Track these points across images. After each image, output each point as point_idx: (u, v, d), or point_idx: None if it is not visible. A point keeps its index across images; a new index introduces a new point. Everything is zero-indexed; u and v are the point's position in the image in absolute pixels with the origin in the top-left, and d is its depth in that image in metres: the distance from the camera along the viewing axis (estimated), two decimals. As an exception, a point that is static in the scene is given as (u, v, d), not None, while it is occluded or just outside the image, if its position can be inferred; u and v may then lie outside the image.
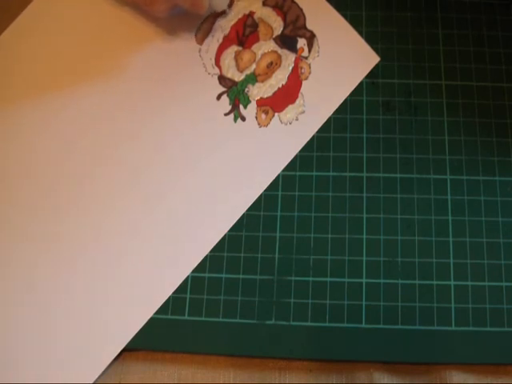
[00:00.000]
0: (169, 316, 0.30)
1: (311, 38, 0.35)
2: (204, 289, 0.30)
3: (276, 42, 0.35)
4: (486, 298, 0.30)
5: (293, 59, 0.34)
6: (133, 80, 0.34)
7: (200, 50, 0.35)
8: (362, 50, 0.34)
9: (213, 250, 0.31)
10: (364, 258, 0.31)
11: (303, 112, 0.33)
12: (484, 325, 0.29)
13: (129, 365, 0.30)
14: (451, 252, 0.31)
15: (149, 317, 0.30)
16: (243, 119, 0.33)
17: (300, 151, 0.33)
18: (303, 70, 0.34)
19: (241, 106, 0.34)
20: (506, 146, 0.32)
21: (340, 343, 0.29)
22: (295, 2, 0.35)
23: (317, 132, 0.33)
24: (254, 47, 0.35)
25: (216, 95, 0.34)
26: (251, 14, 0.35)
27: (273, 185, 0.32)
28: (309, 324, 0.30)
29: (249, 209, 0.32)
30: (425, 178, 0.32)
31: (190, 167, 0.32)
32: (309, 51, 0.35)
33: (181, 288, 0.30)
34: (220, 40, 0.35)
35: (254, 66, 0.34)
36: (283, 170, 0.32)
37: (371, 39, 0.35)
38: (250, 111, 0.33)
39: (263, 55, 0.34)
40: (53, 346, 0.29)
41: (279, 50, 0.35)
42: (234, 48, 0.35)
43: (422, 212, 0.31)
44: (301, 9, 0.35)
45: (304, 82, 0.34)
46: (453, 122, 0.33)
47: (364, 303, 0.30)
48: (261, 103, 0.34)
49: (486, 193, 0.32)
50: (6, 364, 0.29)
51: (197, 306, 0.30)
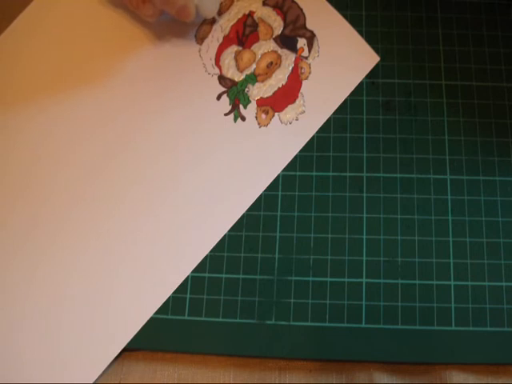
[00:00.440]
0: (169, 316, 0.30)
1: (311, 38, 0.35)
2: (204, 289, 0.30)
3: (276, 42, 0.35)
4: (486, 298, 0.30)
5: (293, 59, 0.34)
6: (133, 80, 0.34)
7: (200, 50, 0.35)
8: (362, 50, 0.34)
9: (213, 250, 0.31)
10: (364, 258, 0.31)
11: (303, 112, 0.33)
12: (484, 325, 0.29)
13: (129, 365, 0.30)
14: (451, 252, 0.31)
15: (149, 317, 0.30)
16: (243, 119, 0.33)
17: (300, 151, 0.33)
18: (303, 70, 0.34)
19: (241, 106, 0.34)
20: (506, 146, 0.32)
21: (340, 343, 0.29)
22: (295, 2, 0.35)
23: (317, 132, 0.33)
24: (254, 47, 0.35)
25: (216, 95, 0.34)
26: (251, 14, 0.35)
27: (273, 185, 0.32)
28: (309, 324, 0.30)
29: (249, 209, 0.32)
30: (425, 178, 0.32)
31: (190, 167, 0.32)
32: (309, 51, 0.35)
33: (181, 288, 0.30)
34: (220, 40, 0.35)
35: (254, 66, 0.34)
36: (283, 170, 0.32)
37: (371, 39, 0.35)
38: (250, 111, 0.33)
39: (263, 55, 0.34)
40: (53, 346, 0.29)
41: (279, 50, 0.35)
42: (234, 48, 0.35)
43: (422, 212, 0.31)
44: (301, 9, 0.35)
45: (304, 82, 0.34)
46: (453, 122, 0.33)
47: (364, 303, 0.30)
48: (261, 103, 0.34)
49: (486, 193, 0.32)
50: (7, 364, 0.29)
51: (197, 306, 0.30)
